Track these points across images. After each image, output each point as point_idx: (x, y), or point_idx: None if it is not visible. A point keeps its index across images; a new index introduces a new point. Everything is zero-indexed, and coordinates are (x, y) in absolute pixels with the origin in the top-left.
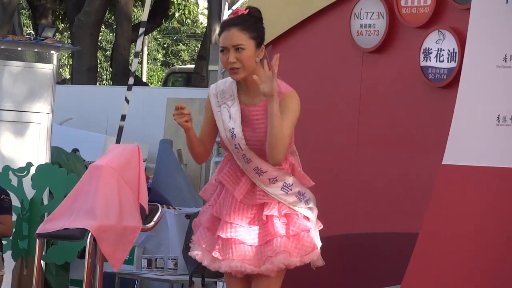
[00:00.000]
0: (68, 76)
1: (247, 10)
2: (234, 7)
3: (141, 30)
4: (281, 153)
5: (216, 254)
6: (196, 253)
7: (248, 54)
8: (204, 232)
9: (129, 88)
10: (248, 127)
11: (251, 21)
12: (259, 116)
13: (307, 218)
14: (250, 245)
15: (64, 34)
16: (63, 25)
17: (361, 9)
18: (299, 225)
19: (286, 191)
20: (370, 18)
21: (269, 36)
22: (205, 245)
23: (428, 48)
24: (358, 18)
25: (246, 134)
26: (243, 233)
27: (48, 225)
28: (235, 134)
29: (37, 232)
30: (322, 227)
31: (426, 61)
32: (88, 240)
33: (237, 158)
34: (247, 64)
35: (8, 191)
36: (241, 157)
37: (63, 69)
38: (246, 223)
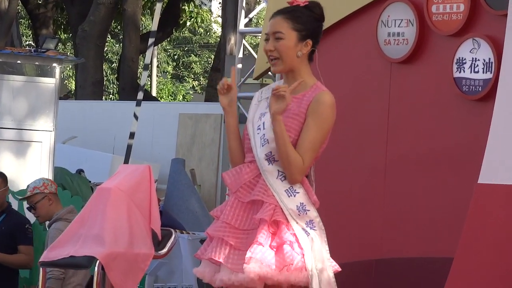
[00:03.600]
0: (73, 89)
1: (305, 3)
2: (251, 15)
3: (151, 40)
4: (294, 175)
5: (205, 255)
6: (196, 270)
7: (286, 44)
8: (206, 243)
9: (138, 104)
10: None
11: (301, 13)
12: (290, 106)
13: (297, 240)
14: (235, 249)
15: (67, 44)
16: (65, 35)
17: (388, 16)
18: (284, 235)
19: (289, 195)
20: (398, 26)
21: None
22: (203, 254)
23: (462, 58)
24: (385, 25)
25: None
26: (231, 234)
27: (53, 253)
28: (264, 114)
29: (40, 260)
30: (338, 269)
31: (460, 72)
32: (96, 268)
33: (253, 142)
34: (285, 55)
35: None
36: (259, 139)
37: (68, 81)
38: (238, 223)
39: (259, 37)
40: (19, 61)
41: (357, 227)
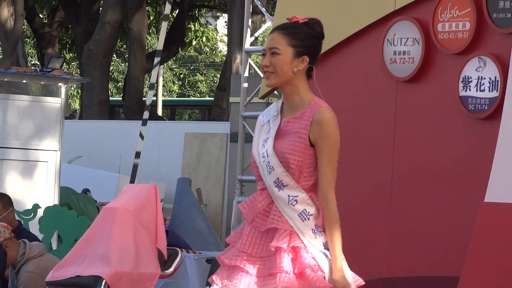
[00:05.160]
0: (78, 107)
1: (305, 20)
2: (256, 34)
3: (156, 59)
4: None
5: (218, 283)
6: None
7: (282, 60)
8: (220, 269)
9: (144, 123)
10: (281, 137)
11: (299, 29)
12: (291, 125)
13: (317, 262)
14: (251, 275)
15: (72, 64)
16: (70, 54)
17: (394, 34)
18: (305, 261)
19: (303, 219)
20: (404, 44)
21: None
22: (219, 280)
23: (468, 76)
24: (391, 44)
25: (275, 142)
26: (247, 262)
27: (58, 272)
28: (266, 141)
29: (46, 280)
30: (362, 283)
31: (466, 90)
32: None
33: (262, 171)
34: (280, 70)
35: None
36: (265, 167)
37: (72, 100)
38: (254, 251)
39: None
40: (24, 81)
41: (362, 244)
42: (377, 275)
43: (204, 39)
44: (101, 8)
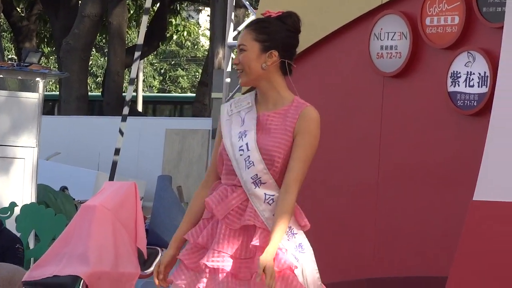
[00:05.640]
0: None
1: (278, 14)
2: (240, 28)
3: (137, 54)
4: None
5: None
6: None
7: (248, 56)
8: (181, 270)
9: (124, 119)
10: (261, 131)
11: (269, 23)
12: (272, 121)
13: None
14: (235, 277)
15: (50, 58)
16: (48, 48)
17: (381, 28)
18: (285, 261)
19: None
20: (391, 39)
21: None
22: (186, 286)
23: (456, 71)
24: (378, 39)
25: (257, 137)
26: (230, 264)
27: (35, 272)
28: (245, 135)
29: (23, 279)
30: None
31: (454, 86)
32: None
33: (236, 164)
34: (247, 67)
35: None
36: (242, 161)
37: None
38: (233, 252)
39: None
40: (1, 76)
41: (348, 244)
42: (363, 275)
43: (185, 33)
44: (80, 1)
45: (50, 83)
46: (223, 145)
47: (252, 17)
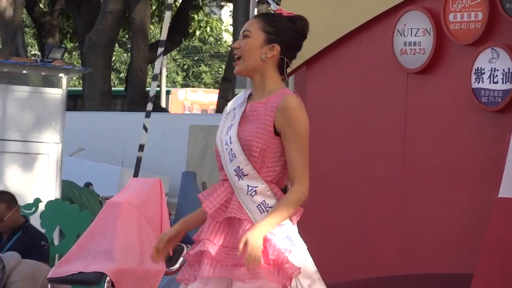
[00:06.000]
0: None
1: (289, 14)
2: None
3: (160, 50)
4: (305, 197)
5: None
6: None
7: (250, 43)
8: (186, 268)
9: (148, 115)
10: (244, 123)
11: (279, 19)
12: (255, 112)
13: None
14: (221, 264)
15: (73, 53)
16: (71, 44)
17: (404, 25)
18: (279, 249)
19: (261, 211)
20: (415, 35)
21: (301, 58)
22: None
23: (480, 68)
24: (401, 35)
25: (239, 128)
26: (215, 249)
27: (61, 269)
28: (231, 128)
29: (48, 276)
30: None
31: (478, 82)
32: (106, 285)
33: (223, 159)
34: (247, 54)
35: None
36: (227, 154)
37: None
38: (219, 242)
39: None
40: (25, 71)
41: (370, 241)
42: (386, 272)
43: (208, 29)
44: None
45: (74, 78)
46: (215, 141)
47: None
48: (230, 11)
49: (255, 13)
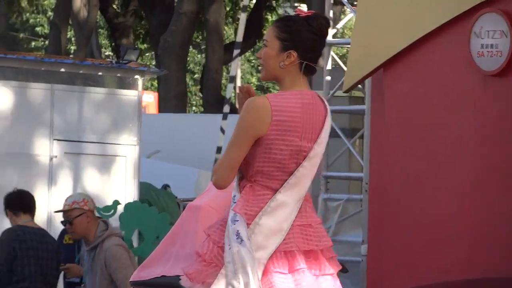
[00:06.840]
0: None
1: (307, 14)
2: (339, 26)
3: (236, 51)
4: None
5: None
6: None
7: (268, 53)
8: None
9: (224, 117)
10: None
11: (294, 23)
12: None
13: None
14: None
15: (146, 55)
16: (145, 45)
17: (481, 27)
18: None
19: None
20: (492, 37)
21: (378, 59)
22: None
23: None
24: (478, 37)
25: None
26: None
27: (144, 272)
28: None
29: (131, 279)
30: None
31: None
32: None
33: None
34: (265, 63)
35: None
36: None
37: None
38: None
39: (346, 48)
40: (100, 73)
41: (444, 243)
42: (460, 276)
43: None
44: None
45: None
46: None
47: (351, 15)
48: None
49: (331, 14)
